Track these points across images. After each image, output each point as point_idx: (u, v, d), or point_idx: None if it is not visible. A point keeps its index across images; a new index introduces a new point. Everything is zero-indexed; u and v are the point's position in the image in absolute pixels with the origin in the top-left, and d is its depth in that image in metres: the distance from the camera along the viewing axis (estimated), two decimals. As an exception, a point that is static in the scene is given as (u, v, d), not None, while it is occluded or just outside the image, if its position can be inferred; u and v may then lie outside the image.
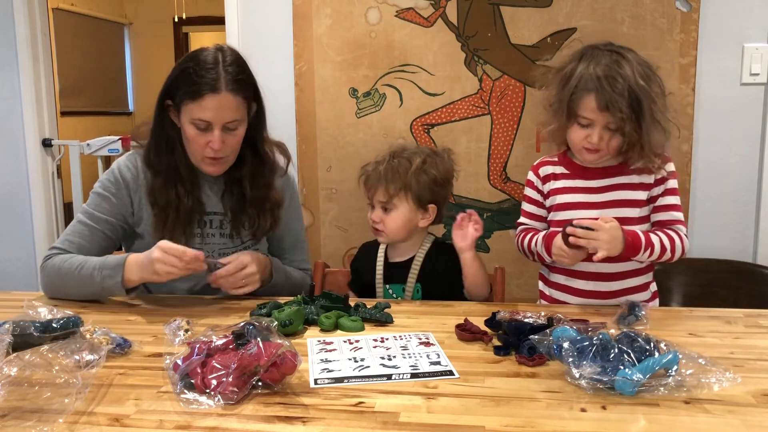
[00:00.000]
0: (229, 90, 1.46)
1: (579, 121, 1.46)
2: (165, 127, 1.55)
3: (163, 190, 1.56)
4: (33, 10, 2.81)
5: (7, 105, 2.83)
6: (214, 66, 1.47)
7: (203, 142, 1.50)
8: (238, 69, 1.49)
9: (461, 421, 0.90)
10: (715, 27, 2.23)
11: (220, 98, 1.46)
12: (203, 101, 1.45)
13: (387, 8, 2.36)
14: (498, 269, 1.73)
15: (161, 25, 6.23)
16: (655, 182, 1.52)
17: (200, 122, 1.48)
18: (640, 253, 1.44)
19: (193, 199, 1.58)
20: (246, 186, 1.60)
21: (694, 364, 1.01)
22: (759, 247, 2.29)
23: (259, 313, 1.32)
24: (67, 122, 4.48)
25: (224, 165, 1.57)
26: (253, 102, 1.56)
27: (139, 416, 0.92)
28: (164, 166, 1.57)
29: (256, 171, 1.62)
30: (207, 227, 1.61)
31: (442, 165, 1.63)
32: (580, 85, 1.43)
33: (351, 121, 2.43)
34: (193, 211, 1.58)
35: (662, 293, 2.06)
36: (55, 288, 1.52)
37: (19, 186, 2.89)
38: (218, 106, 1.46)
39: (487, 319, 1.28)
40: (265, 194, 1.62)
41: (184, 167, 1.57)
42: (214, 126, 1.48)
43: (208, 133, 1.48)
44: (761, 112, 2.27)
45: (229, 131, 1.50)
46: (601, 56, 1.44)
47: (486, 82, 2.36)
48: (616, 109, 1.40)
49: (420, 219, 1.62)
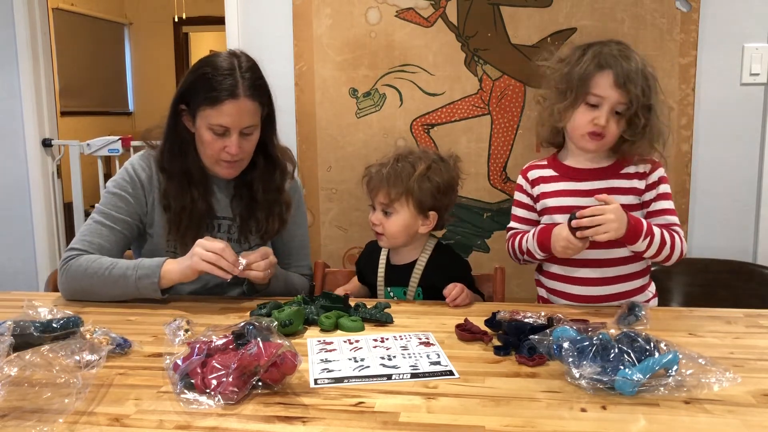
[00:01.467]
0: (247, 96, 1.48)
1: (588, 100, 1.45)
2: (179, 130, 1.56)
3: (178, 193, 1.56)
4: (33, 10, 2.81)
5: (7, 105, 2.83)
6: (231, 72, 1.48)
7: (219, 146, 1.50)
8: (255, 75, 1.51)
9: (461, 421, 0.90)
10: (715, 27, 2.24)
11: (239, 104, 1.47)
12: (223, 107, 1.46)
13: (387, 8, 2.36)
14: (498, 269, 1.73)
15: (161, 25, 6.23)
16: (646, 188, 1.51)
17: (218, 128, 1.48)
18: (641, 239, 1.41)
19: (206, 203, 1.59)
20: (257, 189, 1.62)
21: (694, 364, 1.01)
22: (759, 247, 2.29)
23: (259, 313, 1.32)
24: (67, 122, 4.48)
25: (238, 168, 1.58)
26: (266, 106, 1.57)
27: (139, 416, 0.92)
28: (177, 170, 1.57)
29: (266, 174, 1.63)
30: (216, 231, 1.62)
31: (447, 173, 1.61)
32: (596, 62, 1.44)
33: (351, 121, 2.43)
34: (204, 215, 1.59)
35: (662, 293, 2.06)
36: (78, 289, 1.49)
37: (19, 186, 2.89)
38: (237, 112, 1.47)
39: (487, 319, 1.28)
40: (275, 197, 1.63)
41: (197, 171, 1.58)
42: (232, 131, 1.49)
43: (225, 138, 1.49)
44: (761, 112, 2.27)
45: (245, 136, 1.52)
46: (610, 44, 1.47)
47: (486, 82, 2.36)
48: (632, 85, 1.41)
49: (420, 225, 1.60)
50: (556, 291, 1.58)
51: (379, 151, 2.38)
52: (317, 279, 1.82)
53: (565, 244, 1.41)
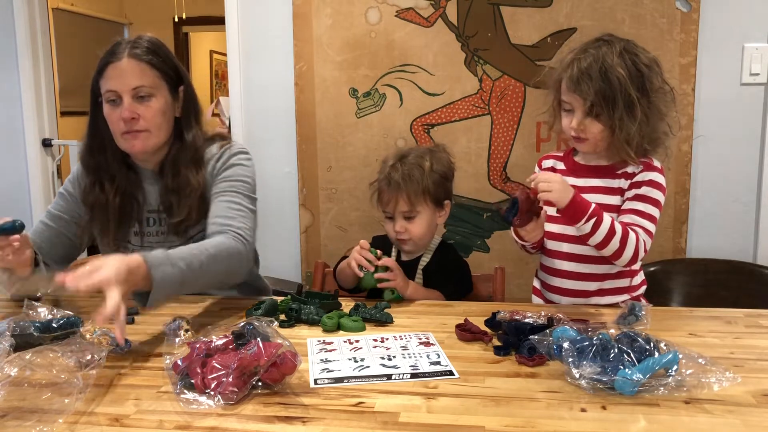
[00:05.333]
0: (131, 56, 1.47)
1: (564, 107, 1.47)
2: (98, 124, 1.53)
3: (92, 189, 1.55)
4: (33, 10, 2.81)
5: (7, 105, 2.83)
6: (120, 43, 1.49)
7: (117, 117, 1.47)
8: (146, 44, 1.50)
9: (461, 421, 0.90)
10: (715, 27, 2.24)
11: (120, 65, 1.46)
12: (107, 71, 1.47)
13: (387, 8, 2.36)
14: (498, 269, 1.73)
15: (161, 25, 6.23)
16: (628, 186, 1.47)
17: (110, 94, 1.47)
18: (584, 219, 1.35)
19: (124, 197, 1.55)
20: (167, 174, 1.54)
21: (694, 364, 1.01)
22: (759, 247, 2.29)
23: (254, 314, 1.32)
24: (67, 122, 4.47)
25: (144, 140, 1.50)
26: (176, 84, 1.54)
27: (139, 416, 0.92)
28: (94, 165, 1.56)
29: (177, 157, 1.55)
30: (146, 225, 1.58)
31: (445, 159, 1.66)
32: (562, 66, 1.45)
33: (351, 121, 2.43)
34: (124, 209, 1.55)
35: (662, 293, 2.07)
36: None
37: (19, 186, 2.89)
38: (120, 73, 1.46)
39: (487, 319, 1.28)
40: (184, 181, 1.52)
41: (119, 165, 1.55)
42: (122, 94, 1.46)
43: (121, 106, 1.47)
44: (761, 112, 2.27)
45: (141, 100, 1.47)
46: (588, 43, 1.46)
47: (486, 82, 2.36)
48: (585, 84, 1.39)
49: (438, 217, 1.64)
50: (544, 283, 1.60)
51: (379, 151, 2.40)
52: (317, 279, 1.82)
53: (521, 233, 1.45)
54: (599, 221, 1.36)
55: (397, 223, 1.61)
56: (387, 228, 1.64)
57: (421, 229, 1.60)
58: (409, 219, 1.60)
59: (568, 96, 1.44)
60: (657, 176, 1.46)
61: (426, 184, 1.59)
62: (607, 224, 1.36)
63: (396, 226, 1.61)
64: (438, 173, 1.61)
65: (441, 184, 1.62)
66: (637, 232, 1.40)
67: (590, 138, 1.45)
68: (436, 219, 1.64)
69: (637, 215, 1.43)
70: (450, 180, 1.66)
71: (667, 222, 2.29)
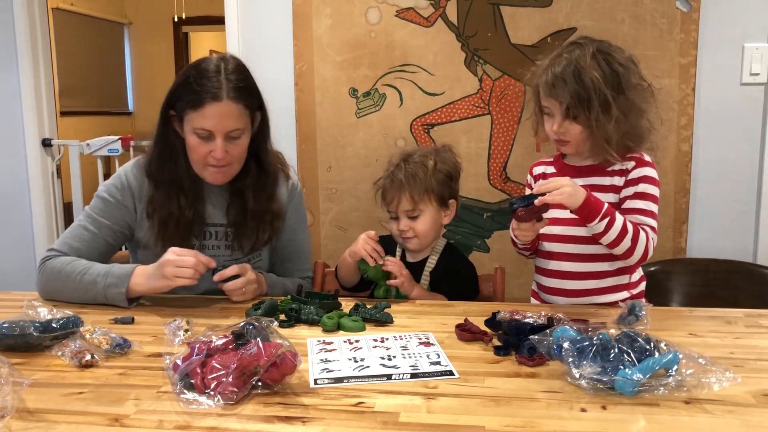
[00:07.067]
0: (230, 98, 1.46)
1: (544, 111, 1.50)
2: (168, 137, 1.55)
3: (164, 201, 1.55)
4: (33, 10, 2.81)
5: (7, 105, 2.83)
6: (216, 75, 1.47)
7: (205, 151, 1.49)
8: (239, 77, 1.49)
9: (461, 421, 0.90)
10: (715, 27, 2.24)
11: (221, 106, 1.46)
12: (204, 110, 1.45)
13: (387, 8, 2.36)
14: (498, 269, 1.73)
15: (161, 25, 6.23)
16: (624, 184, 1.49)
17: (202, 131, 1.47)
18: (598, 218, 1.38)
19: (195, 211, 1.57)
20: (249, 198, 1.60)
21: (694, 364, 1.01)
22: (759, 247, 2.29)
23: (254, 314, 1.32)
24: (67, 122, 4.48)
25: (227, 175, 1.56)
26: (257, 111, 1.55)
27: (138, 416, 0.92)
28: (166, 177, 1.56)
29: (258, 182, 1.61)
30: (207, 239, 1.61)
31: (450, 160, 1.67)
32: (535, 75, 1.49)
33: (351, 121, 2.43)
34: (193, 223, 1.57)
35: (662, 293, 2.07)
36: (51, 290, 1.51)
37: (19, 186, 2.89)
38: (219, 114, 1.46)
39: (487, 319, 1.28)
40: (266, 206, 1.62)
41: (186, 178, 1.57)
42: (216, 135, 1.47)
43: (211, 142, 1.48)
44: (761, 112, 2.27)
45: (231, 140, 1.50)
46: (562, 48, 1.48)
47: (486, 82, 2.36)
48: (560, 88, 1.42)
49: (444, 217, 1.65)
50: (544, 286, 1.60)
51: (379, 151, 2.39)
52: (317, 279, 1.82)
53: (515, 226, 1.46)
54: (612, 220, 1.40)
55: (402, 222, 1.62)
56: (392, 227, 1.65)
57: (425, 228, 1.61)
58: (413, 218, 1.61)
59: (546, 101, 1.47)
60: (650, 171, 1.49)
61: (429, 183, 1.59)
62: (619, 223, 1.40)
63: (400, 225, 1.62)
64: (442, 173, 1.62)
65: (445, 184, 1.62)
66: (646, 231, 1.44)
67: (571, 140, 1.48)
68: (442, 218, 1.64)
69: (641, 214, 1.46)
70: (455, 180, 1.67)
71: (667, 222, 2.29)
